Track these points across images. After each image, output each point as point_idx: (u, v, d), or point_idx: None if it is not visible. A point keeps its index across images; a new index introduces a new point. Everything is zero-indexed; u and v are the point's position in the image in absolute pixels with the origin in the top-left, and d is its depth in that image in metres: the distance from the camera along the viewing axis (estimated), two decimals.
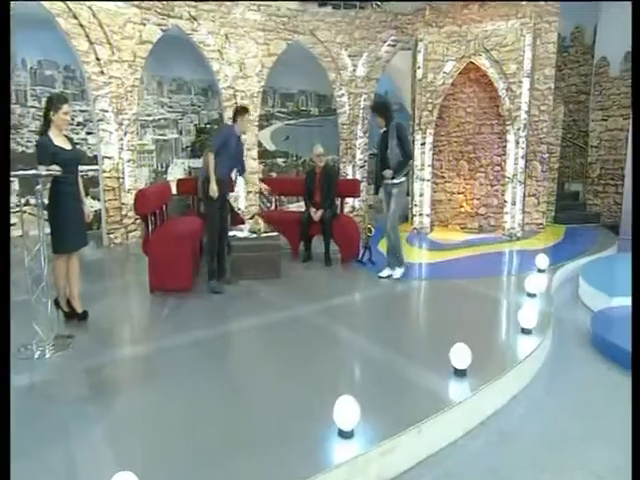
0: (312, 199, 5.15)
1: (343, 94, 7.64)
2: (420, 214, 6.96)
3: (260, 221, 4.80)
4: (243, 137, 4.39)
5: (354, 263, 4.99)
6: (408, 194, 6.40)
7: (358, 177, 7.66)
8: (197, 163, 7.68)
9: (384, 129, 4.07)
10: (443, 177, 7.20)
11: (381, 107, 4.14)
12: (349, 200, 7.43)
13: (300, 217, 5.10)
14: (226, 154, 3.99)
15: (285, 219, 5.40)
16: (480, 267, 4.95)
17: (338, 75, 7.57)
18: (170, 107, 7.63)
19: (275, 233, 4.74)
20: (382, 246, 5.72)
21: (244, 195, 7.07)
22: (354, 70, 7.60)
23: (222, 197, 4.05)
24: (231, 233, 4.77)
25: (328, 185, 5.06)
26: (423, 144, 6.85)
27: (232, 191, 4.35)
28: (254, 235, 4.66)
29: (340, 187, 5.24)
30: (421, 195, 6.96)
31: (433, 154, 6.96)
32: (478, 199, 6.97)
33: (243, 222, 5.69)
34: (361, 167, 7.87)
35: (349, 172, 7.78)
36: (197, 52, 6.56)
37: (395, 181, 4.07)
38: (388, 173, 4.06)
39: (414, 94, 6.98)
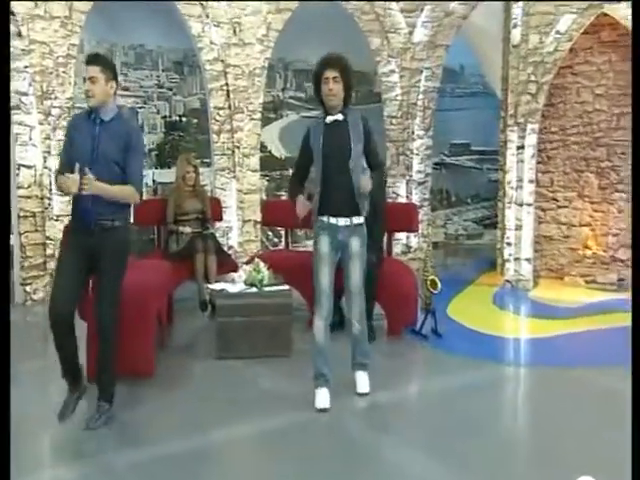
0: None
1: (393, 70, 7.80)
2: (516, 258, 6.98)
3: (262, 267, 4.94)
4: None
5: (408, 335, 5.15)
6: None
7: (415, 200, 7.83)
8: (168, 175, 7.90)
9: (337, 117, 3.81)
10: (555, 200, 7.24)
11: (349, 67, 3.92)
12: (401, 236, 7.59)
13: None
14: (79, 160, 3.33)
15: (301, 264, 5.37)
16: (619, 349, 4.74)
17: (385, 41, 7.76)
18: (125, 89, 7.92)
19: (285, 286, 4.89)
20: (454, 311, 5.90)
21: (238, 225, 7.27)
22: (410, 33, 7.81)
23: (85, 236, 3.47)
24: (218, 286, 5.06)
25: (372, 216, 5.25)
26: (520, 148, 6.93)
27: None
28: (252, 290, 4.83)
29: (389, 217, 5.41)
30: (518, 228, 6.99)
31: (538, 163, 7.02)
32: (615, 235, 6.96)
33: (236, 269, 5.97)
34: (420, 184, 8.03)
35: (401, 192, 7.97)
36: (167, 6, 6.87)
37: (357, 220, 3.85)
38: (362, 199, 3.79)
39: (507, 68, 7.14)
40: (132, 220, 6.08)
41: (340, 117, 3.78)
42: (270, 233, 8.39)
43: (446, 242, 9.74)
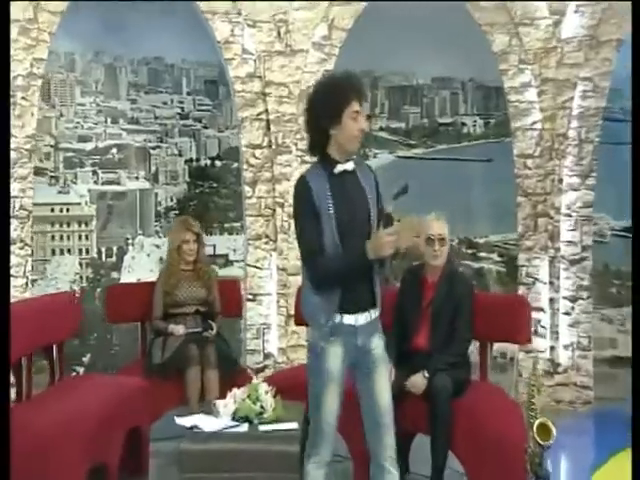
0: (409, 341, 5.44)
1: (527, 84, 7.68)
2: None
3: (262, 391, 4.80)
4: None
5: None
6: None
7: (567, 288, 7.66)
8: None
9: (347, 166, 3.91)
10: None
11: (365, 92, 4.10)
12: (508, 347, 7.43)
13: None
14: None
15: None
16: None
17: (515, 39, 7.63)
18: (133, 121, 8.12)
19: (293, 424, 4.70)
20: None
21: (279, 321, 7.21)
22: (556, 24, 7.62)
23: None
24: (188, 420, 4.82)
25: (453, 313, 5.37)
26: None
27: None
28: (242, 428, 4.66)
29: (482, 316, 5.39)
30: None
31: None
32: None
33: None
34: (574, 263, 7.69)
35: (541, 274, 7.76)
36: (187, 4, 7.13)
37: (375, 313, 3.94)
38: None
39: None
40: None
41: (350, 166, 3.86)
42: None
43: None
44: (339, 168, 3.81)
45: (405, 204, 7.72)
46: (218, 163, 8.29)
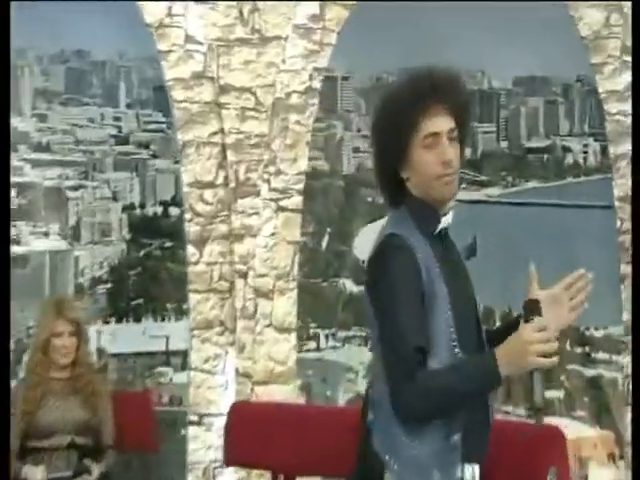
0: None
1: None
2: None
3: None
4: None
5: None
6: None
7: None
8: (132, 339, 7.43)
9: (446, 220, 3.56)
10: None
11: (470, 103, 3.72)
12: None
13: None
14: None
15: None
16: None
17: (617, 14, 7.67)
18: (42, 148, 7.71)
19: None
20: None
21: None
22: None
23: None
24: None
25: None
26: None
27: None
28: None
29: (492, 453, 5.26)
30: None
31: None
32: None
33: None
34: None
35: None
36: None
37: None
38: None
39: None
40: None
41: (449, 220, 3.61)
42: None
43: None
44: (443, 224, 3.45)
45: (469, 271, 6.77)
46: (173, 211, 7.79)
